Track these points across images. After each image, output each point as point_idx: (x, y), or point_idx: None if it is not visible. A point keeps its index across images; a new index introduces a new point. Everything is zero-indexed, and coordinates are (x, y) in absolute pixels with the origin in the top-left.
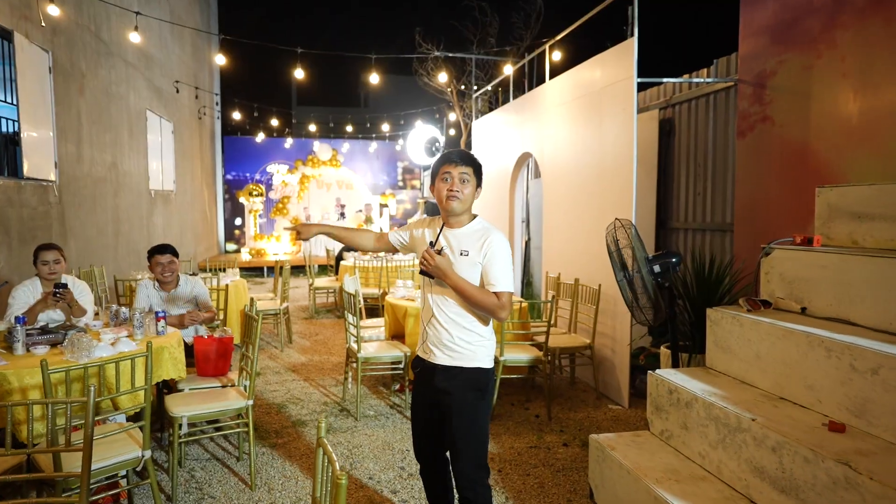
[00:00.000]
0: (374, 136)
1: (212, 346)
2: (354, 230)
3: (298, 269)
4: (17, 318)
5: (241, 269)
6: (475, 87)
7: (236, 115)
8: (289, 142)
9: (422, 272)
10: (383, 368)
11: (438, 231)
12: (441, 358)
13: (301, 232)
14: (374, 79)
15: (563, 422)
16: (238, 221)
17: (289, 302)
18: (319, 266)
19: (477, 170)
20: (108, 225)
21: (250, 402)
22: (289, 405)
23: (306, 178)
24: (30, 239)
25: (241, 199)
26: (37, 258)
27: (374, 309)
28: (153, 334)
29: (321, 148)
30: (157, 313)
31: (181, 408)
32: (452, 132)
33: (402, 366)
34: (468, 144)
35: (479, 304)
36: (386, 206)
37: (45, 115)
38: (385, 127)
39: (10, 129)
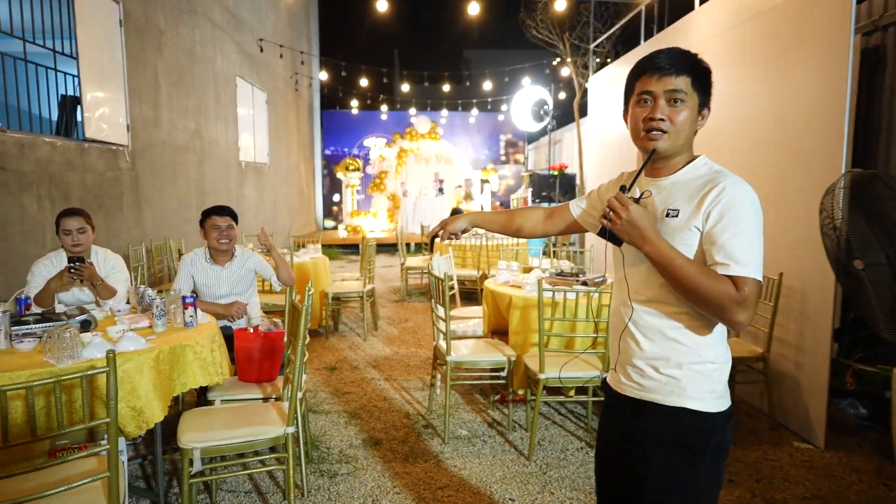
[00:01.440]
0: (474, 100)
1: (254, 343)
2: (513, 211)
3: (393, 248)
4: (18, 300)
5: (338, 246)
6: (592, 39)
7: (334, 87)
8: (385, 114)
9: (602, 232)
10: (479, 375)
11: (635, 177)
12: (630, 387)
13: (446, 229)
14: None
15: (730, 465)
16: (336, 198)
17: (374, 283)
18: (415, 244)
19: (699, 79)
20: (190, 196)
21: (290, 430)
22: (361, 415)
23: (404, 151)
24: (95, 207)
25: (339, 174)
26: (58, 226)
27: (471, 293)
28: (179, 325)
29: (419, 120)
30: (184, 298)
31: (194, 435)
32: (563, 96)
33: (503, 373)
34: (583, 106)
35: (700, 293)
36: (487, 181)
37: (114, 73)
38: (487, 85)
39: (70, 86)
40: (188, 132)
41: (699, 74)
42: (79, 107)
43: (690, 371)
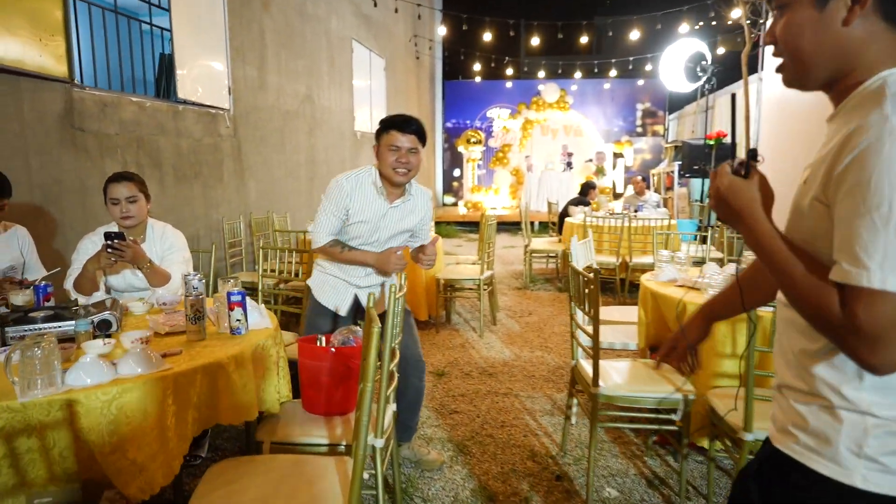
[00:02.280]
0: (613, 60)
1: (323, 362)
2: (750, 268)
3: (515, 227)
4: (36, 288)
5: (458, 223)
6: None
7: (455, 51)
8: (511, 82)
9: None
10: (636, 410)
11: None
12: (774, 437)
13: (687, 345)
14: None
15: None
16: (457, 172)
17: (493, 269)
18: (540, 223)
19: None
20: (300, 167)
21: None
22: (472, 449)
23: (529, 123)
24: (192, 175)
25: (460, 148)
26: (105, 194)
27: (608, 284)
28: (224, 330)
29: (547, 88)
30: (229, 296)
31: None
32: (721, 51)
33: (676, 415)
34: (753, 61)
35: (803, 301)
36: (621, 155)
37: (212, 29)
38: (634, 35)
39: (161, 41)
40: (298, 97)
41: None
42: (171, 64)
43: (832, 419)
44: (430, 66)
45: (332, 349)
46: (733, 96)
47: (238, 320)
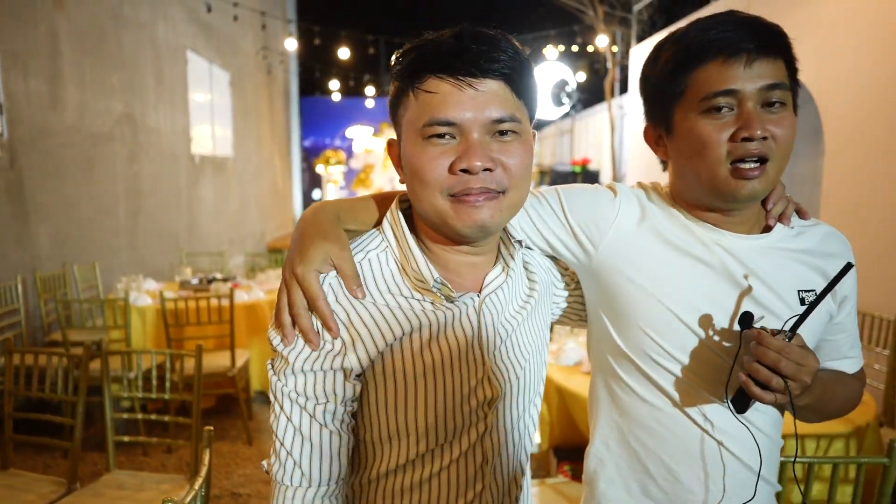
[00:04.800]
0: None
1: None
2: None
3: None
4: None
5: None
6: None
7: (310, 68)
8: (372, 99)
9: (742, 406)
10: None
11: (815, 301)
12: None
13: None
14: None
15: None
16: (317, 194)
17: None
18: None
19: (790, 63)
20: (117, 201)
21: None
22: None
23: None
24: None
25: (319, 168)
26: None
27: None
28: None
29: None
30: None
31: None
32: (584, 77)
33: None
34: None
35: (840, 412)
36: None
37: None
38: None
39: None
40: (112, 117)
41: (790, 57)
42: None
43: None
44: (285, 82)
45: None
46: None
47: None
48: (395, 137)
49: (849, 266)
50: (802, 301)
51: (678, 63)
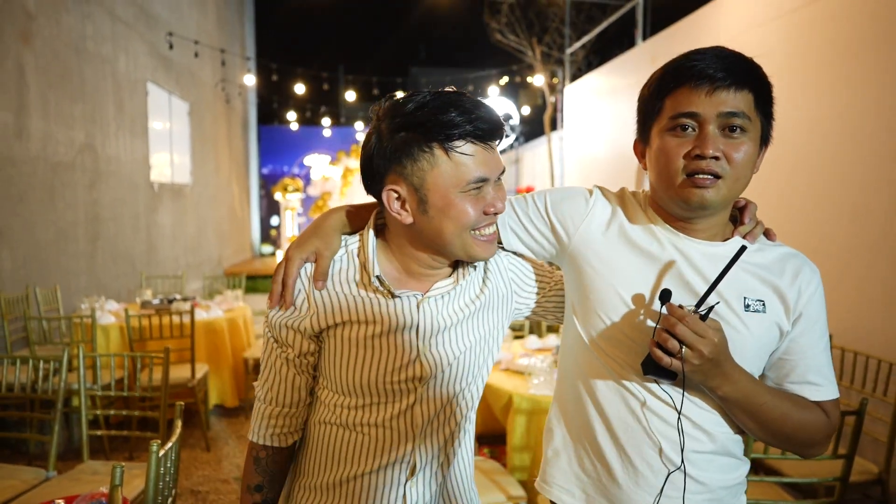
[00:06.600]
0: None
1: None
2: None
3: None
4: None
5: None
6: (568, 44)
7: (269, 99)
8: (328, 129)
9: (655, 369)
10: None
11: (716, 280)
12: None
13: None
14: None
15: None
16: (275, 220)
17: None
18: None
19: (762, 98)
20: (77, 227)
21: None
22: None
23: (350, 171)
24: None
25: (277, 195)
26: None
27: None
28: None
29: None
30: None
31: None
32: (527, 111)
33: None
34: (554, 121)
35: (787, 433)
36: None
37: None
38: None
39: None
40: (74, 146)
41: (762, 90)
42: None
43: None
44: (243, 111)
45: None
46: (540, 151)
47: None
48: (349, 166)
49: (742, 249)
50: (748, 307)
51: (659, 87)
